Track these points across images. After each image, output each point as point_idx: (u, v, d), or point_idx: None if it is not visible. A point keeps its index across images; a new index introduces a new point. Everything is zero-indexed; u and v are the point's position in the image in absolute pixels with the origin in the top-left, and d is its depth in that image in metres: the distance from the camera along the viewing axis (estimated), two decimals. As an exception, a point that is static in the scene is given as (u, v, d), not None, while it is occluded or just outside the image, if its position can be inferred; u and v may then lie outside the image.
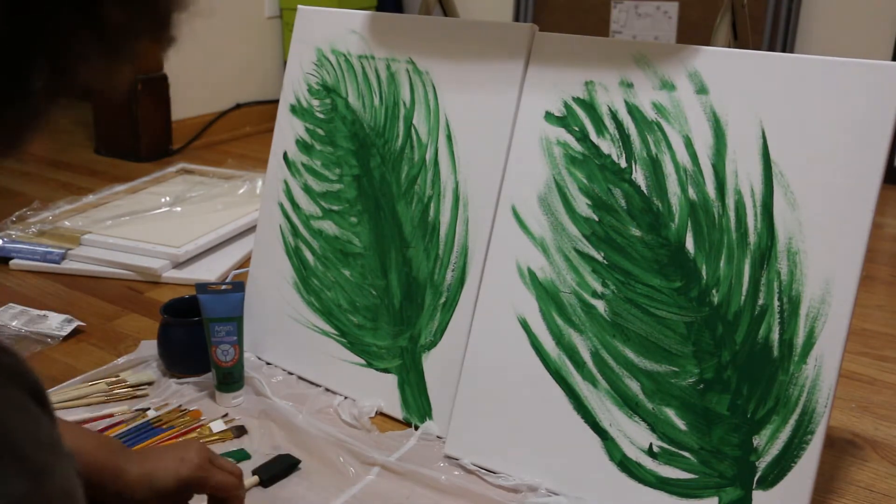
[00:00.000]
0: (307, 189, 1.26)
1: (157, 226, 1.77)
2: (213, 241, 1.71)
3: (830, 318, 0.88)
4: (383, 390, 1.17)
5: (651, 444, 0.97)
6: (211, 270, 1.63)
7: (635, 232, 0.99)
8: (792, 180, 0.91)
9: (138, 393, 1.19)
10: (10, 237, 1.70)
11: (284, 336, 1.27)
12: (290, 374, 1.25)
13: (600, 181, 1.01)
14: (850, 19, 2.34)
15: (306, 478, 1.03)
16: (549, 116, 1.05)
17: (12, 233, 1.72)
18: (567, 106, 1.04)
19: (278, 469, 1.03)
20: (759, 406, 0.92)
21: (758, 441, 0.92)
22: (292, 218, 1.28)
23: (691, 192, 0.96)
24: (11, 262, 1.64)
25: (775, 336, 0.91)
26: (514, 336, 1.05)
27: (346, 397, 1.19)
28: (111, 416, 1.13)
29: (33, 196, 1.97)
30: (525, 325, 1.04)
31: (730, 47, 1.59)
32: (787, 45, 2.40)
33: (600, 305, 1.00)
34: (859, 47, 2.33)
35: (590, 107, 1.03)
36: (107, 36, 0.38)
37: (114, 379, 1.21)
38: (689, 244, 0.96)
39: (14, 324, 1.38)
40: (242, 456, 1.06)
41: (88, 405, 1.16)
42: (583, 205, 1.02)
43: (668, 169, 0.97)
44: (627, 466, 0.98)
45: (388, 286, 1.18)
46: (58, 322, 1.38)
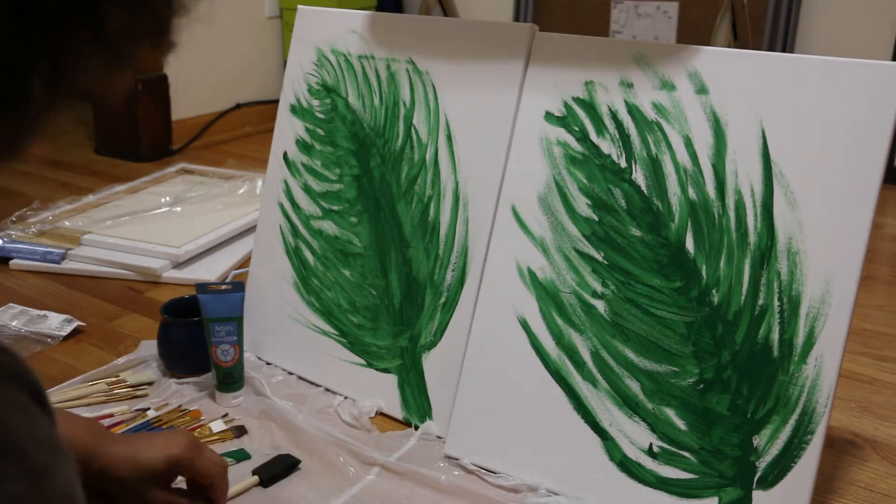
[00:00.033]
0: (307, 189, 1.26)
1: (157, 226, 1.77)
2: (213, 241, 1.71)
3: (830, 318, 0.88)
4: (383, 390, 1.17)
5: (651, 444, 0.97)
6: (211, 270, 1.63)
7: (635, 232, 0.99)
8: (792, 180, 0.91)
9: (138, 393, 1.19)
10: (10, 237, 1.70)
11: (284, 336, 1.27)
12: (290, 374, 1.25)
13: (600, 181, 1.01)
14: (850, 19, 2.34)
15: (306, 478, 1.03)
16: (549, 116, 1.05)
17: (12, 233, 1.72)
18: (567, 106, 1.04)
19: (278, 469, 1.03)
20: (759, 406, 0.92)
21: (758, 441, 0.92)
22: (292, 218, 1.28)
23: (691, 192, 0.96)
24: (11, 262, 1.64)
25: (775, 336, 0.91)
26: (514, 336, 1.05)
27: (346, 397, 1.19)
28: (111, 416, 1.13)
29: (33, 196, 1.97)
30: (525, 325, 1.04)
31: (730, 47, 1.59)
32: (787, 45, 2.40)
33: (600, 305, 1.00)
34: (859, 47, 2.33)
35: (590, 107, 1.03)
36: (107, 41, 0.38)
37: (114, 379, 1.21)
38: (689, 244, 0.96)
39: (14, 324, 1.38)
40: (242, 456, 1.06)
41: (88, 405, 1.16)
42: (583, 205, 1.02)
43: (668, 169, 0.97)
44: (627, 466, 0.98)
45: (388, 286, 1.18)
46: (58, 322, 1.38)
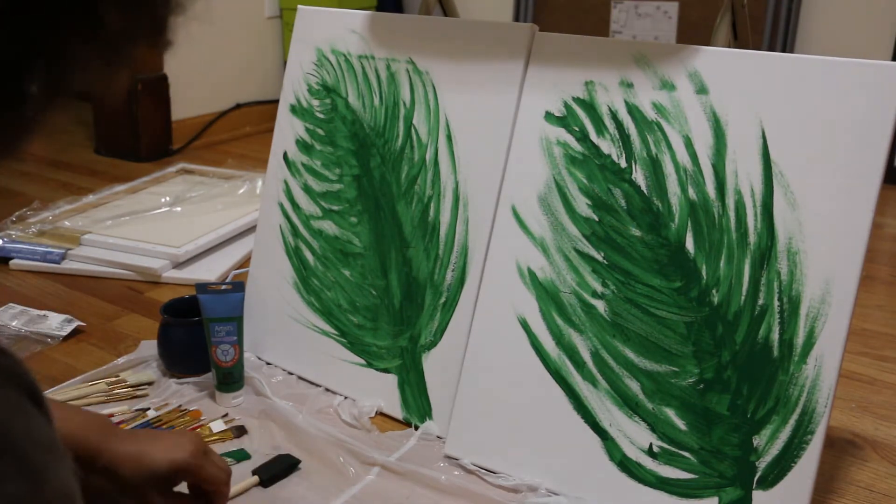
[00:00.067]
0: (307, 189, 1.26)
1: (157, 226, 1.77)
2: (213, 241, 1.71)
3: (830, 318, 0.88)
4: (383, 390, 1.17)
5: (651, 444, 0.97)
6: (211, 270, 1.63)
7: (635, 232, 0.99)
8: (792, 180, 0.91)
9: (138, 393, 1.19)
10: (10, 237, 1.70)
11: (284, 336, 1.27)
12: (290, 374, 1.25)
13: (600, 181, 1.01)
14: (850, 19, 2.34)
15: (306, 478, 1.03)
16: (549, 116, 1.05)
17: (12, 233, 1.72)
18: (567, 106, 1.04)
19: (278, 469, 1.02)
20: (759, 406, 0.92)
21: (758, 441, 0.92)
22: (292, 218, 1.28)
23: (691, 192, 0.96)
24: (11, 262, 1.64)
25: (775, 336, 0.91)
26: (514, 336, 1.05)
27: (346, 397, 1.19)
28: (111, 416, 1.13)
29: (33, 196, 1.97)
30: (525, 325, 1.04)
31: (730, 47, 1.59)
32: (787, 45, 2.40)
33: (600, 305, 1.00)
34: (859, 47, 2.32)
35: (590, 107, 1.03)
36: (104, 41, 0.38)
37: (114, 379, 1.21)
38: (689, 244, 0.96)
39: (14, 324, 1.38)
40: (242, 456, 1.06)
41: (88, 405, 1.16)
42: (583, 205, 1.02)
43: (668, 169, 0.97)
44: (627, 466, 0.98)
45: (388, 286, 1.18)
46: (58, 322, 1.38)
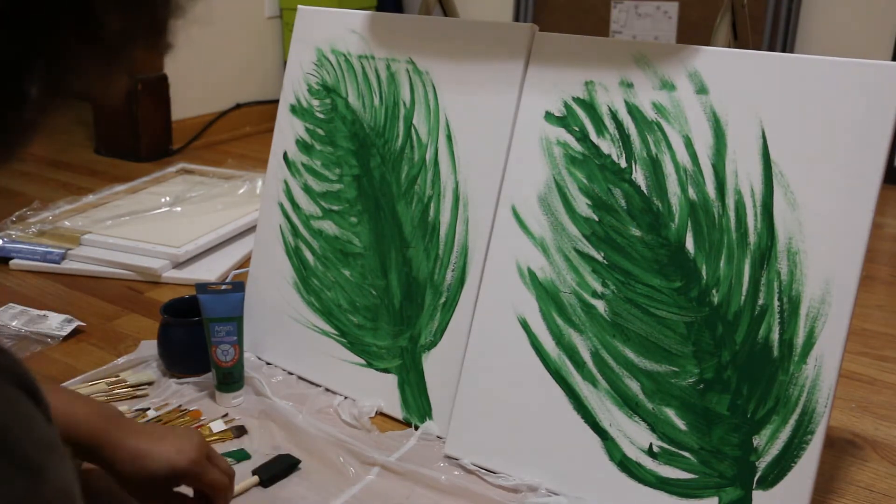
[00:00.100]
0: (307, 189, 1.26)
1: (157, 226, 1.77)
2: (213, 241, 1.71)
3: (830, 318, 0.88)
4: (383, 390, 1.17)
5: (651, 444, 0.97)
6: (211, 270, 1.63)
7: (635, 232, 0.99)
8: (792, 180, 0.91)
9: (138, 393, 1.19)
10: (10, 237, 1.70)
11: (284, 336, 1.27)
12: (290, 374, 1.25)
13: (600, 181, 1.01)
14: (850, 19, 2.34)
15: (306, 478, 1.03)
16: (549, 116, 1.05)
17: (12, 233, 1.72)
18: (567, 106, 1.04)
19: (278, 469, 1.02)
20: (759, 406, 0.92)
21: (758, 441, 0.92)
22: (292, 218, 1.28)
23: (691, 192, 0.96)
24: (11, 262, 1.64)
25: (775, 336, 0.91)
26: (514, 336, 1.05)
27: (346, 397, 1.19)
28: (111, 416, 1.13)
29: (33, 196, 1.97)
30: (525, 325, 1.04)
31: (730, 47, 1.59)
32: (787, 45, 2.40)
33: (600, 305, 1.00)
34: (859, 47, 2.32)
35: (590, 107, 1.03)
36: (104, 44, 0.37)
37: (114, 379, 1.21)
38: (689, 244, 0.96)
39: (14, 324, 1.38)
40: (242, 456, 1.06)
41: (88, 405, 1.16)
42: (583, 205, 1.02)
43: (668, 169, 0.97)
44: (627, 466, 0.98)
45: (388, 286, 1.18)
46: (58, 322, 1.38)
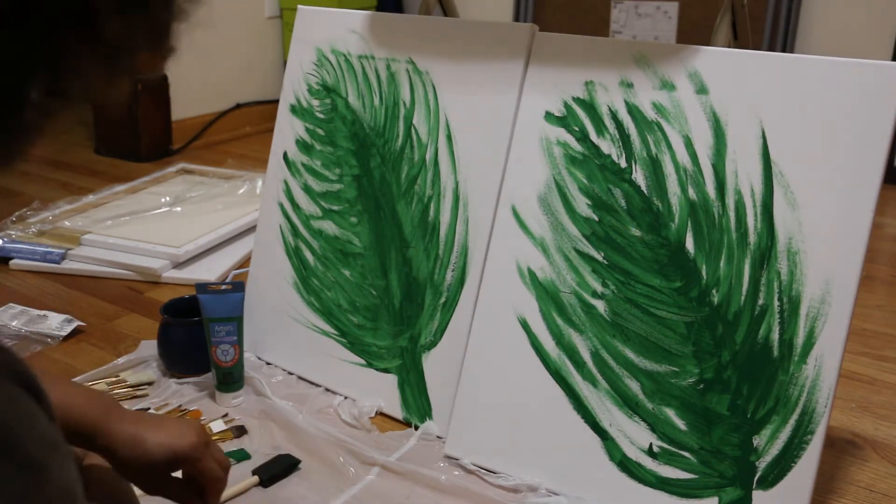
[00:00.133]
0: (307, 189, 1.26)
1: (157, 226, 1.77)
2: (213, 241, 1.71)
3: (830, 318, 0.88)
4: (383, 390, 1.17)
5: (651, 444, 0.97)
6: (211, 270, 1.63)
7: (635, 232, 0.99)
8: (792, 180, 0.91)
9: (138, 393, 1.19)
10: (10, 237, 1.70)
11: (284, 336, 1.27)
12: (290, 374, 1.25)
13: (600, 181, 1.01)
14: (850, 19, 2.34)
15: (306, 478, 1.03)
16: (549, 116, 1.05)
17: (12, 233, 1.72)
18: (567, 106, 1.04)
19: (278, 469, 1.02)
20: (759, 406, 0.92)
21: (758, 441, 0.92)
22: (292, 218, 1.28)
23: (691, 192, 0.96)
24: (11, 262, 1.64)
25: (775, 336, 0.91)
26: (514, 336, 1.05)
27: (346, 397, 1.19)
28: (111, 416, 1.13)
29: (33, 196, 1.97)
30: (525, 325, 1.04)
31: (730, 47, 1.59)
32: (787, 45, 2.40)
33: (600, 305, 1.00)
34: (859, 47, 2.32)
35: (590, 107, 1.03)
36: (105, 50, 0.37)
37: (114, 379, 1.21)
38: (689, 244, 0.96)
39: (14, 324, 1.38)
40: (242, 456, 1.06)
41: (88, 405, 1.16)
42: (583, 205, 1.02)
43: (668, 169, 0.97)
44: (627, 466, 0.98)
45: (388, 286, 1.18)
46: (58, 322, 1.38)
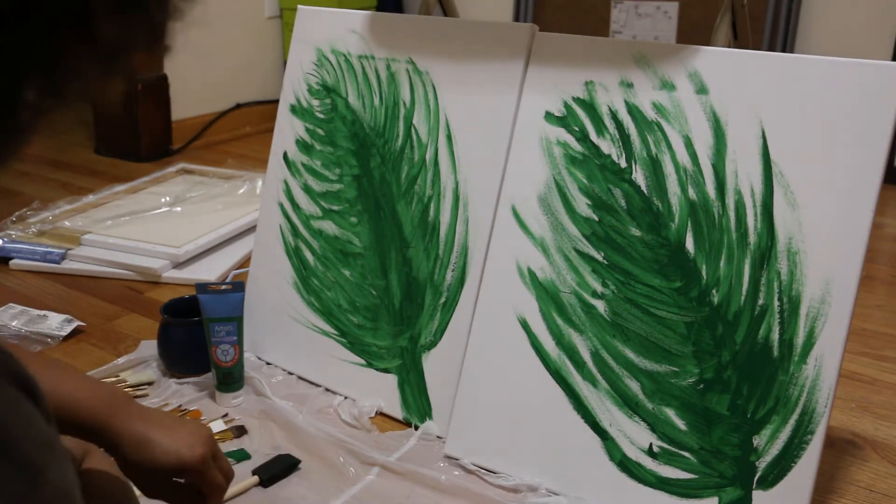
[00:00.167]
0: (307, 189, 1.26)
1: (157, 226, 1.77)
2: (213, 241, 1.71)
3: (830, 318, 0.88)
4: (383, 390, 1.17)
5: (651, 444, 0.97)
6: (211, 270, 1.63)
7: (635, 232, 0.99)
8: (792, 180, 0.91)
9: (138, 393, 1.19)
10: (10, 237, 1.70)
11: (284, 336, 1.27)
12: (290, 374, 1.25)
13: (600, 181, 1.01)
14: (850, 19, 2.34)
15: (306, 478, 1.03)
16: (549, 116, 1.05)
17: (12, 233, 1.72)
18: (567, 106, 1.04)
19: (278, 469, 1.03)
20: (759, 406, 0.92)
21: (758, 441, 0.92)
22: (292, 218, 1.28)
23: (691, 192, 0.96)
24: (11, 262, 1.64)
25: (775, 336, 0.91)
26: (514, 336, 1.05)
27: (346, 397, 1.19)
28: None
29: (33, 196, 1.97)
30: (525, 325, 1.04)
31: (730, 47, 1.59)
32: (787, 45, 2.40)
33: (600, 305, 1.00)
34: (859, 47, 2.32)
35: (590, 107, 1.03)
36: (102, 50, 0.37)
37: (114, 379, 1.21)
38: (689, 244, 0.96)
39: (14, 324, 1.38)
40: (242, 456, 1.06)
41: (88, 405, 1.16)
42: (583, 205, 1.02)
43: (668, 169, 0.97)
44: (627, 466, 0.98)
45: (388, 286, 1.18)
46: (58, 322, 1.38)
